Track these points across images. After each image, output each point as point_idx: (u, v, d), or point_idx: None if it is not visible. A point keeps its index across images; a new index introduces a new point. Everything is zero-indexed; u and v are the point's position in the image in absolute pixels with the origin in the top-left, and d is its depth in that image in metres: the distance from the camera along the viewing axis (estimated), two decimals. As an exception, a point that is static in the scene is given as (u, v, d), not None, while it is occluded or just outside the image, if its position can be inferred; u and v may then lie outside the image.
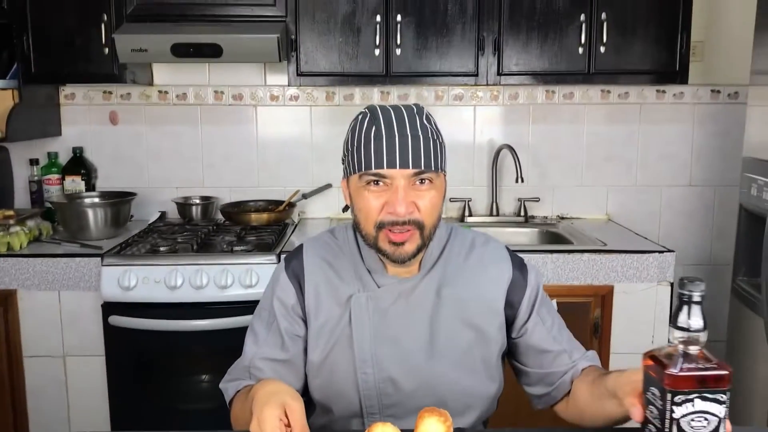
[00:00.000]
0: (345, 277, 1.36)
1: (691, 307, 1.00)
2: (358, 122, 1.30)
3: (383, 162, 1.23)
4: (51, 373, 2.49)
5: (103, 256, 2.42)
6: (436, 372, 1.33)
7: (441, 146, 1.29)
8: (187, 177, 3.06)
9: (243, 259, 2.43)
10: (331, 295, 1.36)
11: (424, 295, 1.35)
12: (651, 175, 3.09)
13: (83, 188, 2.94)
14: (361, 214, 1.29)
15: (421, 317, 1.35)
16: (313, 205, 3.08)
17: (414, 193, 1.25)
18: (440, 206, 1.31)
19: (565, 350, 1.37)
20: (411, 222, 1.25)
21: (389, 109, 1.29)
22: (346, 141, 1.31)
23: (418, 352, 1.34)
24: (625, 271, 2.48)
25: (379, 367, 1.32)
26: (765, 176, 2.25)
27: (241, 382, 1.34)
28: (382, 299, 1.34)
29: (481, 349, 1.36)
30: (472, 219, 3.05)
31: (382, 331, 1.33)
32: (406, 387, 1.33)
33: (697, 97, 3.03)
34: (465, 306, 1.36)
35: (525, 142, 3.05)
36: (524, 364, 1.42)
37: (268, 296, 1.41)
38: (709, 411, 0.98)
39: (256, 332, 1.38)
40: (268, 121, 3.04)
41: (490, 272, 1.39)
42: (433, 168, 1.25)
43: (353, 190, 1.30)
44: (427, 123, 1.28)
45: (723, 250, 3.05)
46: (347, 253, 1.39)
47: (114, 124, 3.02)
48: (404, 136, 1.24)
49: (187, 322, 2.37)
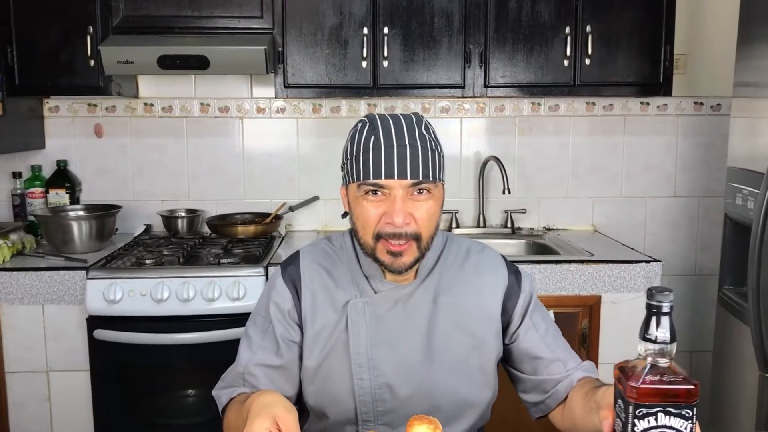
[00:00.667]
0: (342, 283, 1.36)
1: (659, 318, 0.96)
2: (357, 131, 1.30)
3: (381, 172, 1.24)
4: (34, 389, 2.45)
5: (88, 269, 2.40)
6: (432, 378, 1.33)
7: (440, 156, 1.30)
8: (172, 190, 3.04)
9: (230, 271, 2.41)
10: (328, 300, 1.36)
11: (421, 301, 1.35)
12: (636, 186, 3.11)
13: (67, 201, 2.91)
14: (359, 223, 1.29)
15: (418, 324, 1.35)
16: (300, 217, 3.07)
17: (412, 204, 1.26)
18: (438, 216, 1.31)
19: (559, 359, 1.37)
20: (408, 234, 1.25)
21: (388, 119, 1.30)
22: (346, 149, 1.32)
23: (414, 358, 1.33)
24: (612, 281, 2.49)
25: (375, 373, 1.32)
26: (749, 186, 2.27)
27: (234, 389, 1.32)
28: (378, 305, 1.34)
29: (477, 356, 1.36)
30: (460, 231, 3.05)
31: (378, 337, 1.33)
32: (402, 393, 1.33)
33: (680, 109, 3.06)
34: (461, 313, 1.36)
35: (511, 154, 3.07)
36: (519, 370, 1.42)
37: (263, 302, 1.40)
38: (672, 426, 0.94)
39: (251, 338, 1.37)
40: (255, 134, 3.03)
41: (486, 279, 1.39)
42: (431, 178, 1.26)
43: (352, 198, 1.30)
44: (426, 133, 1.29)
45: (709, 261, 3.08)
46: (344, 259, 1.39)
47: (99, 137, 3.00)
48: (403, 146, 1.25)
49: (173, 335, 2.34)
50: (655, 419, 0.95)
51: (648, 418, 0.95)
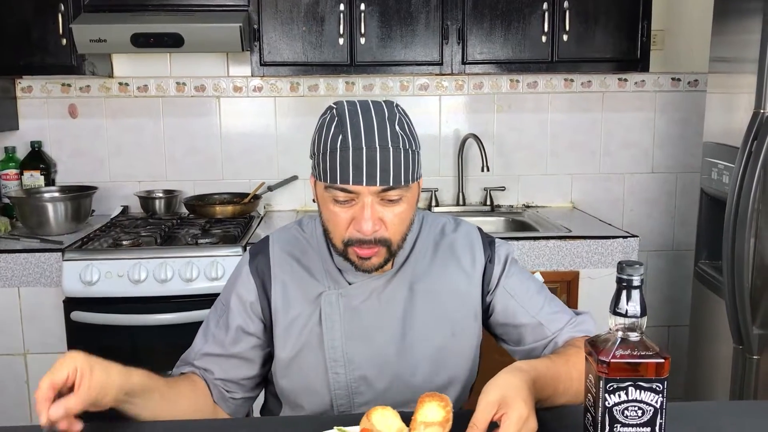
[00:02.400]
0: (315, 274, 1.32)
1: (630, 292, 0.95)
2: (325, 124, 1.21)
3: (349, 177, 1.16)
4: (12, 372, 2.44)
5: (64, 251, 2.37)
6: (408, 369, 1.31)
7: (414, 155, 1.21)
8: (149, 170, 3.01)
9: (208, 251, 2.40)
10: (300, 291, 1.32)
11: (397, 291, 1.32)
12: (614, 162, 3.12)
13: (42, 183, 2.87)
14: (329, 225, 1.24)
15: (394, 314, 1.32)
16: (279, 197, 3.06)
17: (382, 208, 1.19)
18: (410, 217, 1.26)
19: (540, 322, 1.31)
20: (377, 240, 1.20)
21: (358, 113, 1.20)
22: (313, 141, 1.23)
23: (390, 350, 1.31)
24: (590, 257, 2.51)
25: (350, 367, 1.30)
26: (724, 160, 2.29)
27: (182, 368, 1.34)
28: (353, 297, 1.31)
29: (455, 343, 1.34)
30: (439, 209, 3.05)
31: (353, 329, 1.30)
32: (379, 385, 1.31)
33: (658, 85, 3.07)
34: (438, 300, 1.33)
35: (490, 131, 3.06)
36: (505, 341, 1.38)
37: (227, 289, 1.37)
38: (643, 400, 0.95)
39: (208, 325, 1.36)
40: (232, 113, 3.00)
41: (463, 261, 1.36)
42: (403, 182, 1.18)
43: (320, 195, 1.24)
44: (399, 130, 1.20)
45: (686, 236, 3.10)
46: (316, 248, 1.34)
47: (73, 118, 2.96)
48: (372, 149, 1.16)
49: (152, 316, 2.33)
50: (625, 393, 0.95)
51: (619, 392, 0.95)
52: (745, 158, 2.07)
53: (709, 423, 1.19)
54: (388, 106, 1.23)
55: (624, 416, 0.96)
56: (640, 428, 0.96)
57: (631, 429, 0.96)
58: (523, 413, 0.98)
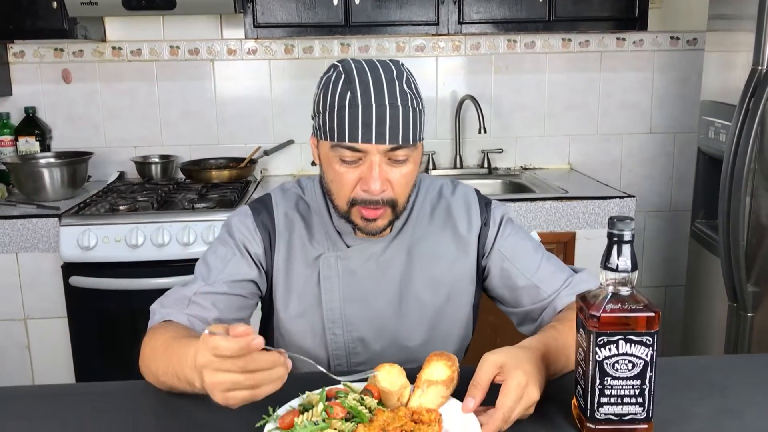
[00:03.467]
0: (315, 236, 1.32)
1: (621, 247, 0.96)
2: (331, 82, 1.18)
3: (358, 135, 1.14)
4: (13, 337, 2.46)
5: (61, 216, 2.37)
6: (404, 332, 1.33)
7: (421, 114, 1.20)
8: (145, 136, 3.00)
9: (205, 216, 2.40)
10: (301, 253, 1.32)
11: (395, 255, 1.33)
12: (612, 123, 3.11)
13: (38, 149, 2.86)
14: (333, 186, 1.22)
15: (392, 278, 1.32)
16: (275, 161, 3.05)
17: (389, 168, 1.18)
18: (415, 178, 1.25)
19: (536, 285, 1.31)
20: (384, 201, 1.19)
21: (366, 70, 1.18)
22: (318, 100, 1.21)
23: (387, 313, 1.32)
24: (586, 217, 2.51)
25: (348, 328, 1.31)
26: (722, 119, 2.27)
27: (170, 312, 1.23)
28: (351, 260, 1.31)
29: (451, 306, 1.35)
30: (436, 172, 3.05)
31: (351, 292, 1.31)
32: (375, 346, 1.33)
33: (656, 44, 3.03)
34: (436, 263, 1.34)
35: (487, 92, 3.04)
36: (503, 303, 1.38)
37: (232, 234, 1.32)
38: (634, 354, 0.96)
39: (210, 266, 1.29)
40: (226, 76, 2.97)
41: (459, 225, 1.36)
42: (411, 141, 1.17)
43: (323, 156, 1.22)
44: (407, 88, 1.18)
45: (683, 196, 3.10)
46: (316, 210, 1.34)
47: (67, 83, 2.93)
48: (382, 106, 1.14)
49: (150, 280, 2.34)
50: (616, 347, 0.96)
51: (609, 346, 0.96)
52: (743, 116, 2.06)
53: (699, 376, 1.21)
54: (394, 64, 1.22)
55: (614, 369, 0.97)
56: (631, 381, 0.97)
57: (622, 382, 0.97)
58: (522, 381, 0.98)
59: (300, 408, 1.01)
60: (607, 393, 0.98)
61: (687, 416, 1.06)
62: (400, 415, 1.00)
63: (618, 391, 0.98)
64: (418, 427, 0.98)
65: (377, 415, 1.00)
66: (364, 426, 0.97)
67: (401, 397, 1.04)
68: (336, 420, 0.97)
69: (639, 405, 0.98)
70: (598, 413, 0.98)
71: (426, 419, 0.99)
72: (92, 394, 1.20)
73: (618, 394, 0.98)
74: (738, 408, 1.09)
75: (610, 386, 0.97)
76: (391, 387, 1.04)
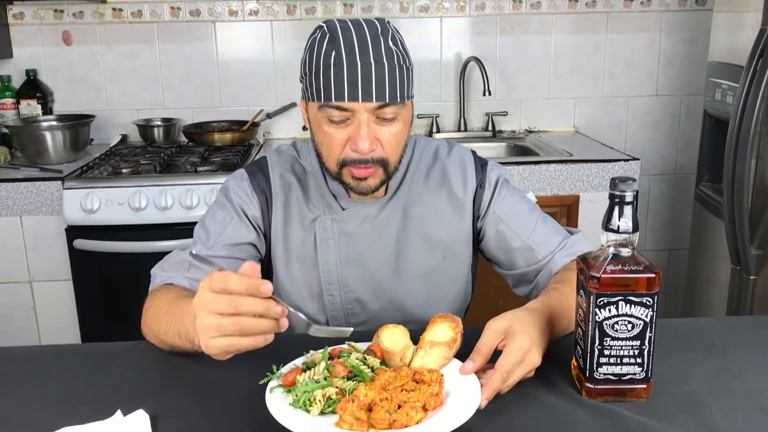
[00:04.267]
0: (311, 199, 1.33)
1: (622, 208, 0.95)
2: (316, 43, 1.17)
3: (344, 94, 1.13)
4: (19, 299, 2.48)
5: (64, 179, 2.37)
6: (401, 293, 1.33)
7: (408, 71, 1.18)
8: (147, 98, 2.98)
9: (208, 179, 2.39)
10: (298, 216, 1.32)
11: (391, 217, 1.33)
12: (618, 85, 3.07)
13: (40, 112, 2.84)
14: (322, 148, 1.22)
15: (388, 239, 1.33)
16: (277, 124, 3.03)
17: (378, 127, 1.17)
18: (406, 137, 1.24)
19: (531, 247, 1.31)
20: (374, 160, 1.19)
21: (350, 28, 1.16)
22: (304, 62, 1.20)
23: (383, 274, 1.32)
24: (590, 180, 2.50)
25: (345, 290, 1.32)
26: (729, 80, 2.24)
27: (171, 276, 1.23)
28: (347, 222, 1.31)
29: (448, 267, 1.35)
30: (440, 135, 3.03)
31: (347, 254, 1.31)
32: (373, 307, 1.33)
33: (664, 5, 2.98)
34: (431, 224, 1.34)
35: (492, 54, 3.00)
36: (499, 265, 1.38)
37: (229, 198, 1.33)
38: (633, 315, 0.96)
39: (208, 230, 1.30)
40: (228, 38, 2.94)
41: (454, 186, 1.35)
42: (398, 99, 1.16)
43: (312, 118, 1.22)
44: (393, 45, 1.16)
45: (688, 159, 3.08)
46: (311, 173, 1.34)
47: (68, 45, 2.91)
48: (367, 64, 1.13)
49: (153, 243, 2.34)
50: (616, 308, 0.96)
51: (609, 307, 0.96)
52: (750, 77, 2.03)
53: (699, 337, 1.21)
54: (380, 22, 1.20)
55: (614, 330, 0.97)
56: (630, 342, 0.98)
57: (621, 343, 0.98)
58: (525, 345, 0.98)
59: (303, 366, 1.03)
60: (607, 353, 0.98)
61: (686, 376, 1.07)
62: (402, 374, 1.01)
63: (617, 351, 0.98)
64: (419, 386, 0.99)
65: (379, 375, 1.01)
66: (365, 385, 0.98)
67: (404, 357, 1.04)
68: (337, 378, 0.98)
69: (638, 365, 0.99)
70: (597, 373, 0.99)
71: (427, 379, 1.00)
72: (97, 353, 1.21)
73: (617, 354, 0.98)
74: (737, 368, 1.10)
75: (609, 347, 0.98)
76: (394, 347, 1.04)
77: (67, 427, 0.91)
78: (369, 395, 0.95)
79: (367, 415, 0.92)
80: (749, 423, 0.95)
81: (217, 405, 1.02)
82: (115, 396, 1.04)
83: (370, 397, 0.95)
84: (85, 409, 0.98)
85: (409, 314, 1.34)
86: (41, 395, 1.06)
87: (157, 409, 0.98)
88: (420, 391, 0.97)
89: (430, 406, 0.95)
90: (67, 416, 0.94)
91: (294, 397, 0.96)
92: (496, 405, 0.97)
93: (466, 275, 1.39)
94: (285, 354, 1.05)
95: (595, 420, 0.96)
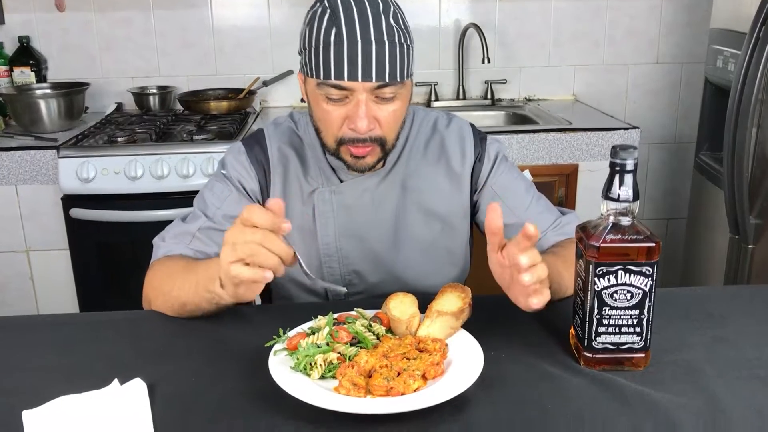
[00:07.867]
0: (309, 171, 1.32)
1: (623, 177, 0.94)
2: (316, 17, 1.15)
3: (344, 73, 1.12)
4: (16, 268, 2.47)
5: (59, 148, 2.35)
6: (400, 265, 1.34)
7: (409, 50, 1.17)
8: (142, 66, 2.94)
9: (204, 147, 2.37)
10: (296, 188, 1.32)
11: (389, 190, 1.32)
12: (618, 53, 3.04)
13: (33, 80, 2.81)
14: (321, 124, 1.21)
15: (386, 211, 1.33)
16: (274, 92, 3.00)
17: (376, 106, 1.16)
18: (404, 115, 1.23)
19: (523, 224, 1.30)
20: (372, 139, 1.18)
21: (352, 5, 1.14)
22: (303, 35, 1.18)
23: (382, 246, 1.33)
24: (589, 149, 2.48)
25: (344, 262, 1.32)
26: (731, 47, 2.22)
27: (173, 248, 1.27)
28: (346, 195, 1.31)
29: (445, 239, 1.36)
30: (439, 104, 3.00)
31: (346, 227, 1.31)
32: (372, 279, 1.34)
33: (666, -30, 2.94)
34: (429, 197, 1.34)
35: (491, 20, 2.96)
36: None
37: (227, 171, 1.33)
38: (632, 284, 0.95)
39: (207, 203, 1.31)
40: (223, 4, 2.89)
41: (452, 159, 1.35)
42: (398, 78, 1.15)
43: (311, 94, 1.21)
44: (394, 23, 1.15)
45: (689, 128, 3.06)
46: (309, 145, 1.33)
47: (60, 11, 2.86)
48: (368, 42, 1.11)
49: (150, 212, 2.33)
50: (615, 277, 0.96)
51: (608, 276, 0.96)
52: (753, 44, 2.00)
53: (697, 306, 1.21)
54: (382, 0, 1.17)
55: (613, 299, 0.97)
56: (629, 311, 0.97)
57: (620, 312, 0.97)
58: (537, 257, 0.94)
59: (309, 331, 1.03)
60: (605, 323, 0.98)
61: (684, 345, 1.07)
62: (406, 342, 1.01)
63: (616, 320, 0.98)
64: (421, 355, 0.99)
65: (382, 342, 1.01)
66: (366, 351, 0.98)
67: (410, 326, 1.05)
68: (339, 344, 0.99)
69: (636, 334, 0.98)
70: (595, 342, 0.99)
71: (431, 348, 1.00)
72: (95, 322, 1.21)
73: (616, 323, 0.98)
74: (734, 337, 1.10)
75: (608, 316, 0.98)
76: (401, 315, 1.04)
77: (64, 396, 0.91)
78: (369, 362, 0.95)
79: (366, 382, 0.92)
80: (746, 391, 0.95)
81: (215, 371, 1.02)
82: (112, 365, 1.04)
83: (371, 363, 0.95)
84: (83, 378, 0.98)
85: (408, 286, 1.33)
86: (38, 364, 1.06)
87: (154, 377, 0.98)
88: (421, 360, 0.97)
89: (430, 375, 0.95)
90: (64, 385, 0.94)
91: (295, 360, 0.96)
92: (494, 374, 0.97)
93: (463, 248, 1.39)
94: (293, 319, 1.07)
95: (592, 389, 0.96)
